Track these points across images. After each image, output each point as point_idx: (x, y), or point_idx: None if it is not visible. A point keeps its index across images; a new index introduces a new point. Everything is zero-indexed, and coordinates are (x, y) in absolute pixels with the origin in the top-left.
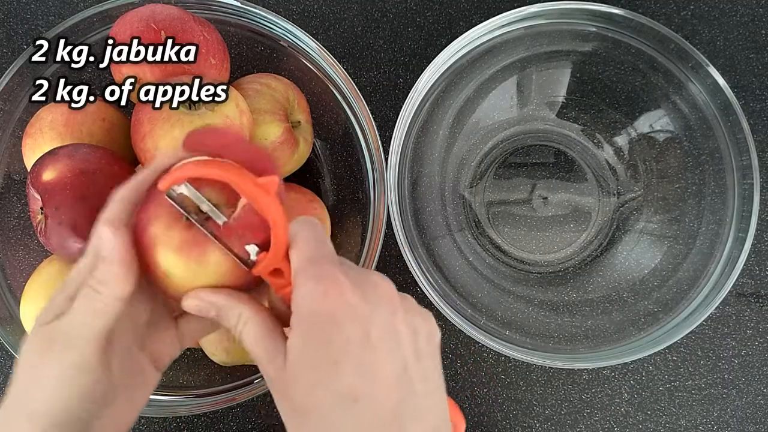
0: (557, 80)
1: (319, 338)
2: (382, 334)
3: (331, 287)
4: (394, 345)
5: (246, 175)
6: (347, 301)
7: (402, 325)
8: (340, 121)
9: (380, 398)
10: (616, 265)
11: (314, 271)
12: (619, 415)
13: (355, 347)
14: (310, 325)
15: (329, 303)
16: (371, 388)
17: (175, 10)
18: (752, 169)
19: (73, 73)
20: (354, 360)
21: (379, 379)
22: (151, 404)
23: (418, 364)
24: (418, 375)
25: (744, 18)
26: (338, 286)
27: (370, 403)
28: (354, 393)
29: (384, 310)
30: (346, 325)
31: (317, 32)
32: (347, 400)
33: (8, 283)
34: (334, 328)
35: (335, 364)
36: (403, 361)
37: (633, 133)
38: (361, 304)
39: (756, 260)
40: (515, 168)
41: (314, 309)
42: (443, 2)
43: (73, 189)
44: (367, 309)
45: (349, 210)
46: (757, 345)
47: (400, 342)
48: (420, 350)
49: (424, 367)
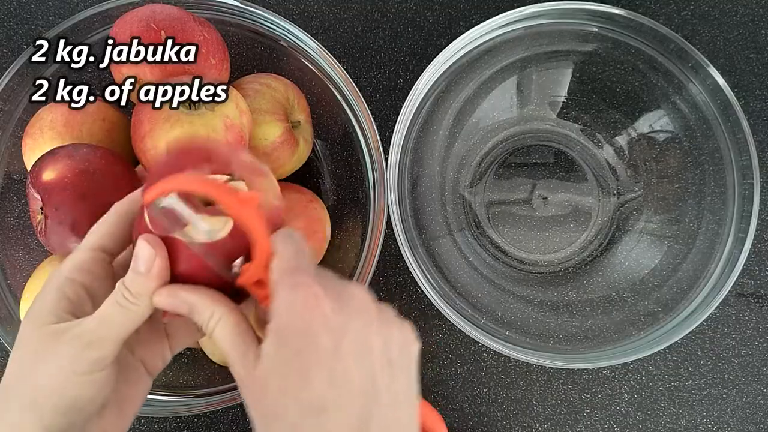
0: (557, 80)
1: (292, 347)
2: (353, 345)
3: (307, 298)
4: (365, 356)
5: (228, 192)
6: (321, 312)
7: (375, 337)
8: (340, 121)
9: (346, 408)
10: (616, 265)
11: (291, 281)
12: (619, 415)
13: (325, 357)
14: (284, 333)
15: (304, 313)
16: (338, 398)
17: (175, 10)
18: (752, 169)
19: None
20: (323, 370)
21: (347, 390)
22: (151, 404)
23: (389, 376)
24: (386, 387)
25: (744, 18)
26: (313, 297)
27: (337, 413)
28: (321, 403)
29: (358, 321)
30: (318, 335)
31: (317, 32)
32: (314, 409)
33: (8, 283)
34: (306, 338)
35: (305, 373)
36: (371, 373)
37: (633, 133)
38: (335, 315)
39: (756, 260)
40: (515, 168)
41: (289, 319)
42: (443, 2)
43: (73, 189)
44: (340, 320)
45: (349, 210)
46: (757, 345)
47: (371, 353)
48: (392, 361)
49: (394, 379)
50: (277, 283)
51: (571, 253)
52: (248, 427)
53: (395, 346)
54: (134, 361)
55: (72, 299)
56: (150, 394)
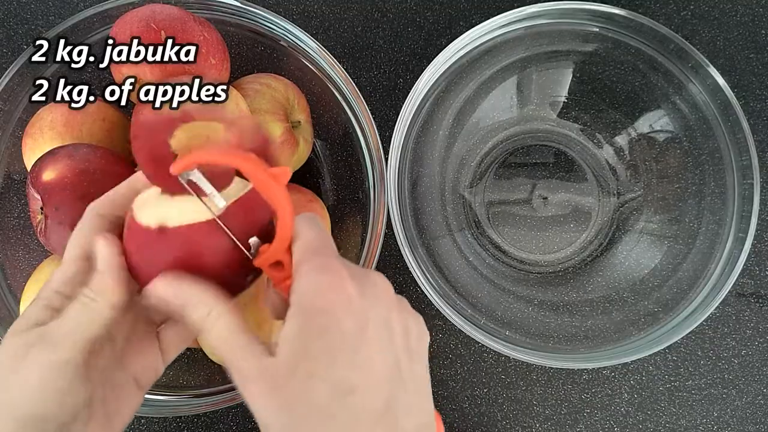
0: (557, 80)
1: (317, 329)
2: (377, 329)
3: (333, 279)
4: (388, 341)
5: (258, 163)
6: (347, 294)
7: (396, 323)
8: (340, 121)
9: (375, 390)
10: (616, 265)
11: (318, 262)
12: (619, 415)
13: (351, 340)
14: (308, 315)
15: (330, 295)
16: (366, 380)
17: (175, 10)
18: (752, 169)
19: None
20: (350, 352)
21: (373, 373)
22: (151, 404)
23: (410, 362)
24: (409, 372)
25: (744, 18)
26: (339, 279)
27: (365, 394)
28: (350, 384)
29: (381, 307)
30: (344, 318)
31: (317, 32)
32: (343, 390)
33: (8, 283)
34: (332, 320)
35: (331, 354)
36: (395, 358)
37: (633, 133)
38: (360, 298)
39: (756, 260)
40: (515, 168)
41: (315, 299)
42: (443, 2)
43: (73, 189)
44: (365, 304)
45: (349, 210)
46: (757, 345)
47: (393, 339)
48: (411, 349)
49: (414, 365)
50: (302, 264)
51: (571, 253)
52: (248, 427)
53: (413, 335)
54: (126, 376)
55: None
56: (150, 394)
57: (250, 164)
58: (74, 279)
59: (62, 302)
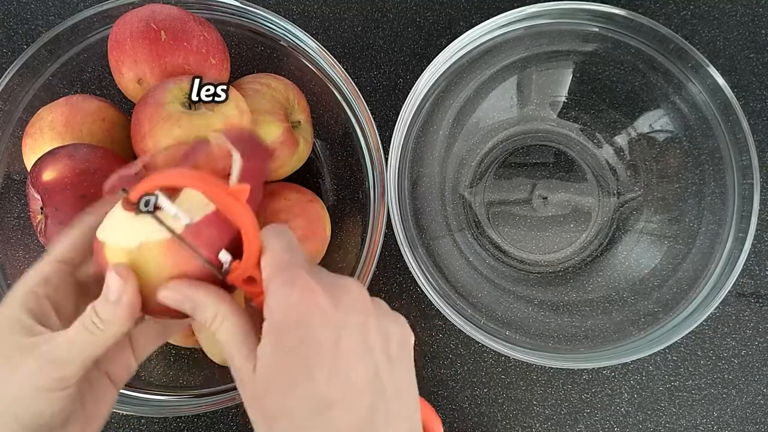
0: (557, 80)
1: (291, 344)
2: (353, 339)
3: (303, 293)
4: (366, 350)
5: (217, 183)
6: (319, 307)
7: (374, 330)
8: (340, 121)
9: (353, 404)
10: (616, 265)
11: (286, 277)
12: (619, 415)
13: (327, 353)
14: (281, 331)
15: (301, 309)
16: (344, 393)
17: (175, 10)
18: (752, 169)
19: (73, 73)
20: (326, 366)
21: (351, 385)
22: (151, 404)
23: (390, 368)
24: (389, 380)
25: (744, 18)
26: (310, 292)
27: (344, 408)
28: (327, 399)
29: (356, 316)
30: (317, 331)
31: (317, 32)
32: (321, 406)
33: (8, 283)
34: (306, 334)
35: (307, 370)
36: (374, 366)
37: (633, 133)
38: (333, 309)
39: (756, 260)
40: (515, 168)
41: (286, 315)
42: (443, 2)
43: (73, 189)
44: (338, 315)
45: (349, 210)
46: (757, 345)
47: (371, 347)
48: (391, 355)
49: (395, 371)
50: (271, 280)
51: (571, 253)
52: (248, 428)
53: (393, 340)
54: (99, 374)
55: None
56: (150, 394)
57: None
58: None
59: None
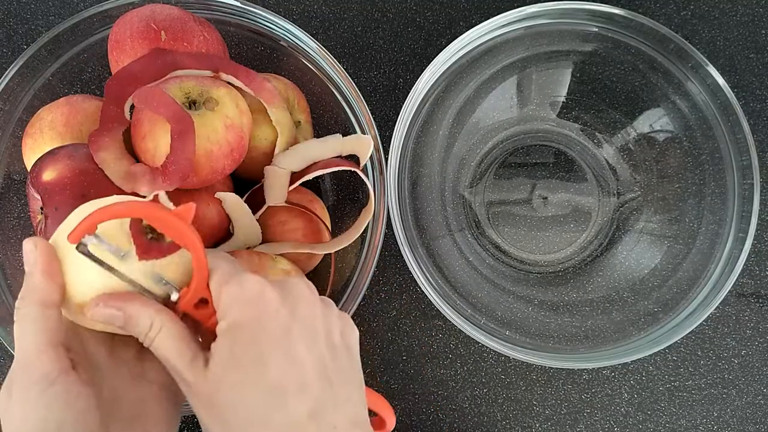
0: (557, 80)
1: (245, 337)
2: (301, 330)
3: (254, 290)
4: (313, 341)
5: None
6: (270, 302)
7: (320, 322)
8: (340, 121)
9: (305, 390)
10: (616, 265)
11: (237, 279)
12: (619, 415)
13: (279, 344)
14: (235, 326)
15: (252, 304)
16: (296, 381)
17: (175, 10)
18: (752, 169)
19: (73, 73)
20: (279, 356)
21: (303, 372)
22: None
23: (334, 358)
24: (334, 368)
25: (744, 18)
26: (260, 289)
27: (296, 395)
28: (281, 386)
29: (303, 309)
30: (270, 324)
31: (317, 32)
32: (274, 393)
33: (8, 283)
34: (259, 327)
35: (261, 361)
36: (320, 355)
37: (633, 133)
38: (282, 303)
39: (756, 260)
40: (515, 168)
41: (239, 311)
42: (443, 2)
43: (73, 189)
44: (287, 308)
45: (349, 210)
46: (757, 345)
47: (317, 338)
48: (335, 345)
49: (340, 360)
50: (221, 287)
51: (571, 253)
52: None
53: (336, 332)
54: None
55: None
56: None
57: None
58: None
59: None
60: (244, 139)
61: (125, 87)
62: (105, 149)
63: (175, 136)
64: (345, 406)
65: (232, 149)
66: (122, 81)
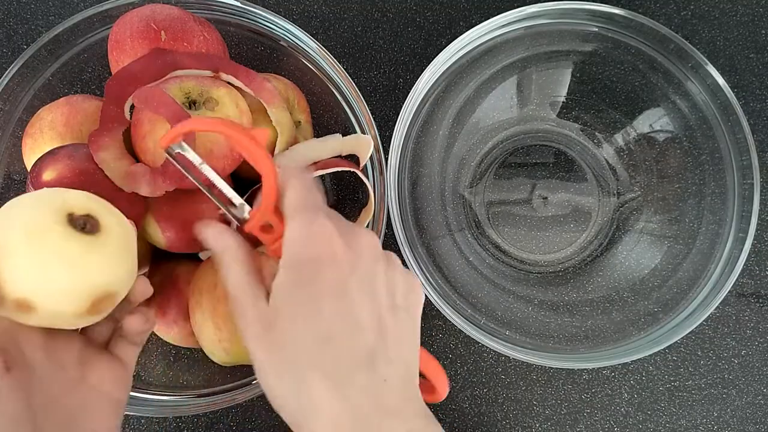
0: (557, 80)
1: (303, 278)
2: (361, 282)
3: (319, 232)
4: (371, 294)
5: (237, 127)
6: (333, 247)
7: (381, 277)
8: (340, 121)
9: (353, 341)
10: (616, 265)
11: (305, 216)
12: (619, 415)
13: (334, 291)
14: (296, 265)
15: (314, 247)
16: (346, 329)
17: (175, 10)
18: (752, 169)
19: (73, 73)
20: (331, 302)
21: (354, 323)
22: (151, 404)
23: (393, 315)
24: (392, 325)
25: (744, 18)
26: (324, 232)
27: (344, 342)
28: (329, 332)
29: (365, 261)
30: (327, 269)
31: (317, 32)
32: (323, 336)
33: None
34: (316, 271)
35: (315, 302)
36: (377, 312)
37: (633, 133)
38: (344, 251)
39: (756, 260)
40: (515, 168)
41: (302, 250)
42: (443, 2)
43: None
44: (348, 257)
45: (349, 210)
46: (757, 345)
47: (376, 292)
48: (396, 305)
49: (398, 319)
50: (290, 219)
51: (571, 253)
52: (248, 427)
53: (399, 291)
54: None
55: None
56: (150, 394)
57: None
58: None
59: None
60: None
61: (125, 87)
62: (105, 149)
63: None
64: (396, 363)
65: (232, 149)
66: (122, 81)
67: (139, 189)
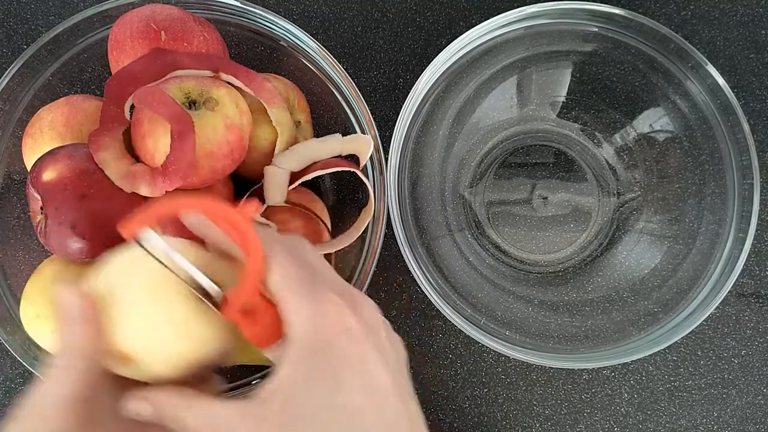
0: (557, 80)
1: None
2: (375, 352)
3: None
4: (383, 361)
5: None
6: (346, 325)
7: (387, 344)
8: (340, 121)
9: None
10: (616, 265)
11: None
12: (619, 415)
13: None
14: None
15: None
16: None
17: (175, 10)
18: (752, 169)
19: (73, 73)
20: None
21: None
22: None
23: (401, 376)
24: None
25: (744, 18)
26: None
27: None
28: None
29: (375, 331)
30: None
31: (317, 32)
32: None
33: (8, 283)
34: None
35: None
36: (392, 375)
37: (633, 133)
38: (358, 326)
39: (756, 260)
40: (515, 168)
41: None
42: (443, 2)
43: (73, 189)
44: (363, 331)
45: (349, 210)
46: (757, 345)
47: (387, 359)
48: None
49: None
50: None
51: (571, 253)
52: None
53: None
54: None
55: None
56: None
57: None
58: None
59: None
60: (244, 139)
61: (125, 87)
62: (105, 149)
63: (175, 136)
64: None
65: (232, 149)
66: (122, 81)
67: (139, 189)
